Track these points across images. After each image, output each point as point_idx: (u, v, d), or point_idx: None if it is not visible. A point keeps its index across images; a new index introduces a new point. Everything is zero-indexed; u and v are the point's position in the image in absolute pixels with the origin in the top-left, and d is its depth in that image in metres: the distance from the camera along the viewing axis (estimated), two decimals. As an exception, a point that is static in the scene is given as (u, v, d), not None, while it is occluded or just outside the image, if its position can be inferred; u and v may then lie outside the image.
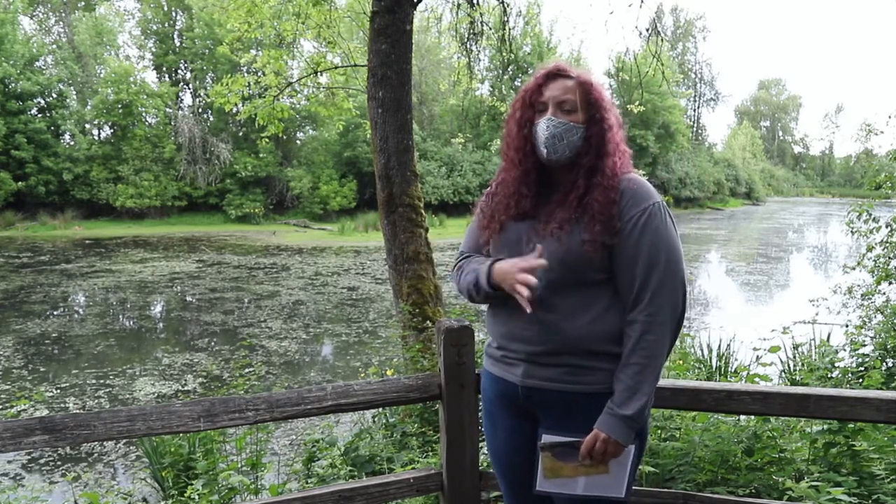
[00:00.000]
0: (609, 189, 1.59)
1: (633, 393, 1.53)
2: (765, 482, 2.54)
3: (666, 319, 1.55)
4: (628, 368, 1.55)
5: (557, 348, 1.60)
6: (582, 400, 1.61)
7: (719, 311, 11.64)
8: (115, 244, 20.54)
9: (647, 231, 1.56)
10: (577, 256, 1.57)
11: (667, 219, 1.59)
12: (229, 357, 8.27)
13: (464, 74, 7.57)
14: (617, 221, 1.57)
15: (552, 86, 1.64)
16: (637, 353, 1.54)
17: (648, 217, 1.56)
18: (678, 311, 1.58)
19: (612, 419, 1.54)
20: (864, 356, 4.23)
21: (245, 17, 7.20)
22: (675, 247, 1.58)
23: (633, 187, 1.60)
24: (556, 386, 1.62)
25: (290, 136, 29.24)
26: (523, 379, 1.66)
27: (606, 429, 1.55)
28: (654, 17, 6.35)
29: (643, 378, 1.53)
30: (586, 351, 1.59)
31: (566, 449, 1.61)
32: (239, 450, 3.60)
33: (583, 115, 1.63)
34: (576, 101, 1.62)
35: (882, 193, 6.75)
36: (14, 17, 24.66)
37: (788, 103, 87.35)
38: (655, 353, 1.54)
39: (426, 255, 4.73)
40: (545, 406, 1.66)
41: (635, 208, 1.57)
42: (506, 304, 1.68)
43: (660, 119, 38.36)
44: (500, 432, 1.79)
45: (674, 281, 1.56)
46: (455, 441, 2.09)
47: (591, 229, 1.56)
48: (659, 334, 1.54)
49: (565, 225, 1.59)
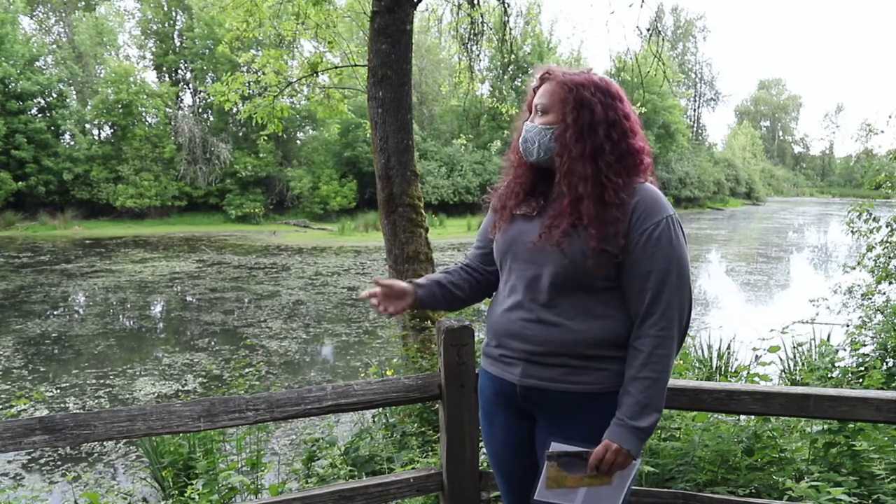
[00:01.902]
0: (599, 200, 1.55)
1: (645, 407, 1.52)
2: (765, 482, 2.54)
3: (674, 334, 1.55)
4: (639, 382, 1.53)
5: (557, 349, 1.60)
6: (581, 400, 1.60)
7: (719, 311, 11.63)
8: (115, 244, 20.54)
9: (661, 245, 1.54)
10: (580, 266, 1.55)
11: (679, 232, 1.57)
12: (229, 357, 8.27)
13: (464, 75, 7.57)
14: (626, 233, 1.54)
15: (539, 90, 1.66)
16: (648, 368, 1.53)
17: (662, 231, 1.54)
18: (684, 325, 1.59)
19: (623, 430, 1.53)
20: (865, 356, 4.23)
21: (244, 16, 7.19)
22: (686, 262, 1.57)
23: (646, 200, 1.56)
24: (555, 386, 1.61)
25: (290, 135, 29.25)
26: (522, 378, 1.65)
27: (619, 439, 1.53)
28: (655, 17, 6.35)
29: (654, 392, 1.53)
30: (584, 355, 1.59)
31: (572, 459, 1.59)
32: (239, 450, 3.60)
33: (555, 115, 1.61)
34: (548, 104, 1.62)
35: (882, 193, 6.75)
36: (14, 17, 24.63)
37: (788, 103, 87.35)
38: (665, 367, 1.54)
39: (426, 255, 4.73)
40: (543, 406, 1.65)
41: (648, 221, 1.54)
42: (506, 301, 1.69)
43: (660, 119, 38.37)
44: (497, 431, 1.78)
45: (682, 296, 1.56)
46: (455, 441, 2.09)
47: (588, 242, 1.54)
48: (668, 348, 1.54)
49: (566, 237, 1.57)
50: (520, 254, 1.66)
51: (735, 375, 4.92)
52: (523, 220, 1.69)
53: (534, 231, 1.64)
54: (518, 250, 1.67)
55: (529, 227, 1.67)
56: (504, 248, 1.71)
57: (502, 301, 1.72)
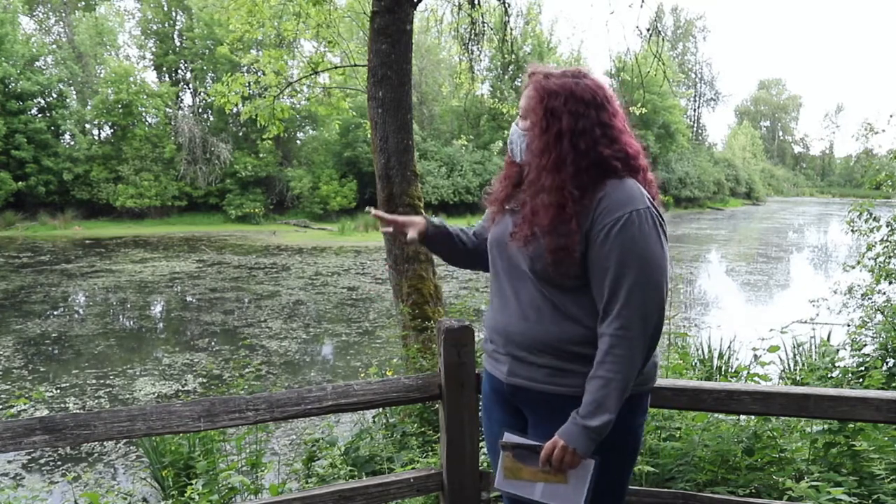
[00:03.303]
0: (558, 209, 1.54)
1: (597, 406, 1.48)
2: (765, 482, 2.54)
3: (636, 334, 1.48)
4: (594, 381, 1.50)
5: (539, 347, 1.60)
6: (564, 402, 1.58)
7: (719, 311, 11.63)
8: (115, 244, 20.53)
9: (618, 241, 1.48)
10: (542, 265, 1.57)
11: (644, 227, 1.49)
12: (229, 357, 8.27)
13: (465, 75, 7.57)
14: (579, 241, 1.52)
15: (524, 91, 1.68)
16: (604, 367, 1.49)
17: (622, 226, 1.48)
18: (651, 324, 1.49)
19: (573, 428, 1.51)
20: (865, 356, 4.23)
21: (246, 17, 7.20)
22: (650, 257, 1.49)
23: (613, 195, 1.52)
24: (539, 386, 1.62)
25: (290, 136, 29.24)
26: (508, 377, 1.68)
27: (565, 437, 1.51)
28: (655, 17, 6.35)
29: (608, 393, 1.48)
30: (567, 352, 1.58)
31: (527, 452, 1.59)
32: (239, 450, 3.60)
33: (530, 121, 1.62)
34: (526, 108, 1.63)
35: (882, 193, 6.75)
36: (14, 17, 24.63)
37: (788, 103, 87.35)
38: (622, 368, 1.47)
39: (426, 255, 4.73)
40: (530, 405, 1.68)
41: (609, 216, 1.50)
42: (495, 299, 1.74)
43: (660, 119, 38.37)
44: (494, 426, 1.82)
45: (644, 293, 1.48)
46: (455, 441, 2.09)
47: (547, 246, 1.54)
48: (627, 349, 1.48)
49: (529, 241, 1.59)
50: (503, 249, 1.70)
51: (735, 375, 4.91)
52: (511, 215, 1.71)
53: (508, 228, 1.69)
54: (502, 245, 1.70)
55: (508, 221, 1.71)
56: (493, 240, 1.76)
57: (492, 299, 1.77)
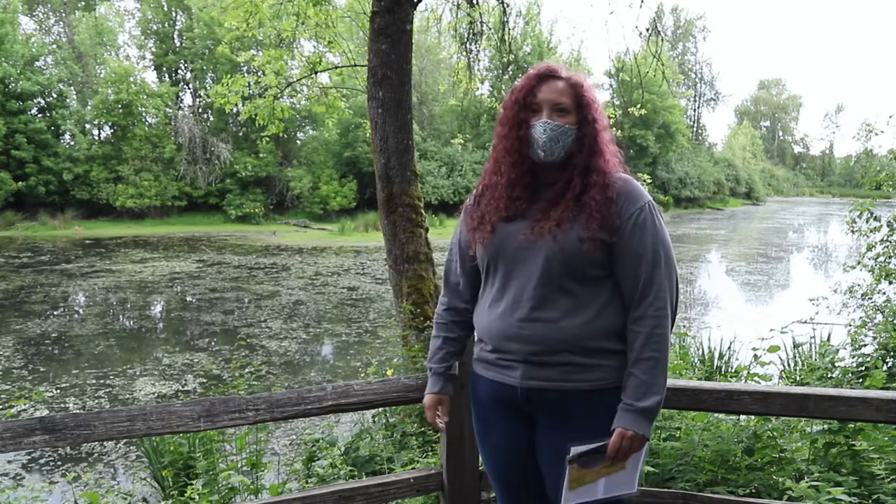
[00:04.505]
0: (605, 187, 1.62)
1: (650, 387, 1.56)
2: (765, 482, 2.54)
3: (668, 313, 1.61)
4: (642, 364, 1.57)
5: (556, 346, 1.60)
6: (580, 398, 1.61)
7: (719, 311, 11.63)
8: (115, 244, 20.53)
9: (648, 228, 1.60)
10: (574, 254, 1.58)
11: (660, 217, 1.65)
12: (229, 357, 8.27)
13: (464, 75, 7.56)
14: (616, 219, 1.60)
15: (545, 87, 1.65)
16: (650, 348, 1.57)
17: (647, 215, 1.61)
18: (675, 305, 1.65)
19: (632, 414, 1.56)
20: (865, 356, 4.22)
21: (244, 17, 7.19)
22: (670, 244, 1.64)
23: (627, 187, 1.64)
24: (558, 385, 1.61)
25: (290, 136, 29.23)
26: (523, 381, 1.64)
27: (630, 424, 1.56)
28: (654, 17, 6.35)
29: (658, 371, 1.57)
30: (585, 348, 1.60)
31: (591, 455, 1.61)
32: (239, 450, 3.60)
33: (575, 116, 1.65)
34: (569, 104, 1.64)
35: (882, 193, 6.75)
36: (14, 17, 24.64)
37: (788, 103, 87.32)
38: (665, 346, 1.59)
39: (426, 255, 4.73)
40: (545, 406, 1.65)
41: (633, 206, 1.61)
42: (499, 303, 1.68)
43: (660, 119, 38.29)
44: (494, 436, 1.77)
45: (671, 277, 1.62)
46: (455, 441, 2.09)
47: (588, 227, 1.59)
48: (665, 328, 1.59)
49: (563, 223, 1.60)
50: (510, 254, 1.66)
51: (735, 375, 4.91)
52: (506, 223, 1.68)
53: (521, 230, 1.65)
54: (508, 251, 1.66)
55: (515, 227, 1.66)
56: (493, 251, 1.69)
57: (493, 304, 1.70)
